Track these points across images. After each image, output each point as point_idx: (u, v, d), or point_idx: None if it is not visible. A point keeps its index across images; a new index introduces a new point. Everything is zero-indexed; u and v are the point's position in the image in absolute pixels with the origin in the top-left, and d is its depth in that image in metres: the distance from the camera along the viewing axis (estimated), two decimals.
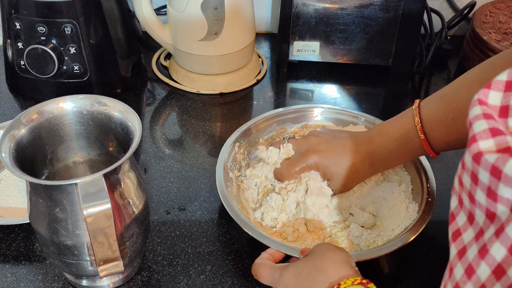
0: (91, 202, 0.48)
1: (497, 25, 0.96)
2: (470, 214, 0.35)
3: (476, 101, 0.35)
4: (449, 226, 0.37)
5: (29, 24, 0.82)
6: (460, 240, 0.35)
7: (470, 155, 0.33)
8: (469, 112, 0.35)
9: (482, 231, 0.33)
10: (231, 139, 0.74)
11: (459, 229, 0.36)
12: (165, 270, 0.64)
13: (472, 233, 0.34)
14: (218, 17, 0.88)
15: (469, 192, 0.34)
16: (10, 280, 0.62)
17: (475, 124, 0.34)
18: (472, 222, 0.35)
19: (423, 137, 0.61)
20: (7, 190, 0.73)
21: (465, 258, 0.34)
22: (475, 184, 0.33)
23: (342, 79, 0.99)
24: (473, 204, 0.34)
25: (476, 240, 0.34)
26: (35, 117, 0.56)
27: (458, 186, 0.36)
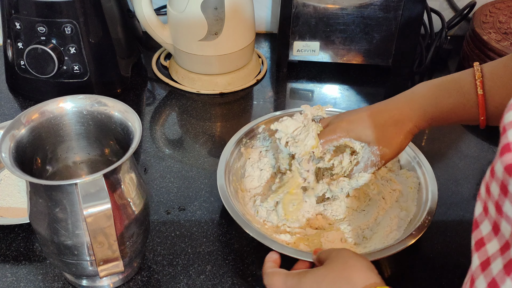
0: (91, 202, 0.48)
1: (497, 25, 0.96)
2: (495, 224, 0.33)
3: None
4: (472, 233, 0.36)
5: (29, 24, 0.82)
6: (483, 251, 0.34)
7: (502, 165, 0.31)
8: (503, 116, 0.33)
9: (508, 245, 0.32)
10: (233, 139, 0.74)
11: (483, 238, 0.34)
12: (165, 270, 0.64)
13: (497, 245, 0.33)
14: (218, 17, 0.88)
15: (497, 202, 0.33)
16: (10, 280, 0.62)
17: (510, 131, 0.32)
18: (497, 233, 0.33)
19: (481, 93, 0.55)
20: (7, 190, 0.73)
21: (488, 271, 0.32)
22: (504, 195, 0.31)
23: (342, 79, 0.99)
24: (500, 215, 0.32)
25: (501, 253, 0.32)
26: (35, 117, 0.56)
27: (485, 193, 0.34)
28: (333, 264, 0.51)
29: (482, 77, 0.56)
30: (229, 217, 0.64)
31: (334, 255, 0.52)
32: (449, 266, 0.65)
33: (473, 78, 0.56)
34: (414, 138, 0.63)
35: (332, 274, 0.50)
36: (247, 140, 0.76)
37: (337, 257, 0.52)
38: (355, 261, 0.50)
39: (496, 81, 0.55)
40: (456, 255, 0.66)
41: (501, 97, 0.55)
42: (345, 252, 0.52)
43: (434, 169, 0.70)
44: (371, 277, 0.48)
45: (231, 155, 0.72)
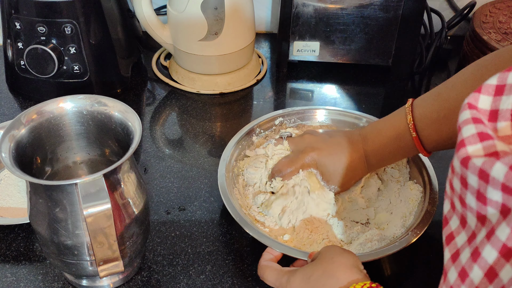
0: (91, 202, 0.48)
1: (497, 25, 0.96)
2: (462, 218, 0.35)
3: (466, 105, 0.35)
4: (443, 230, 0.37)
5: (29, 24, 0.82)
6: (453, 244, 0.36)
7: (459, 159, 0.33)
8: (459, 116, 0.35)
9: (475, 234, 0.33)
10: (234, 139, 0.74)
11: (452, 232, 0.36)
12: (165, 270, 0.64)
13: (465, 237, 0.35)
14: (218, 17, 0.88)
15: (460, 196, 0.34)
16: (10, 280, 0.62)
17: (464, 129, 0.34)
18: (464, 226, 0.35)
19: (415, 135, 0.62)
20: (7, 190, 0.73)
21: (458, 262, 0.34)
22: (465, 188, 0.33)
23: (342, 79, 0.99)
24: (465, 208, 0.34)
25: (469, 243, 0.34)
26: (35, 117, 0.57)
27: (449, 190, 0.36)
28: (320, 261, 0.53)
29: (413, 120, 0.62)
30: (229, 217, 0.64)
31: (323, 252, 0.55)
32: None
33: (406, 122, 0.62)
34: None
35: (318, 270, 0.52)
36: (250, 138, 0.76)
37: (325, 254, 0.54)
38: (341, 257, 0.52)
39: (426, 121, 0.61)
40: None
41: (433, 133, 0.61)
42: (333, 248, 0.55)
43: (434, 169, 0.70)
44: (355, 274, 0.51)
45: (231, 155, 0.72)
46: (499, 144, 0.32)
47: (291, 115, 0.80)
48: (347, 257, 0.53)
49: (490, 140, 0.32)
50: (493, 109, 0.35)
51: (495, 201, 0.31)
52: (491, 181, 0.31)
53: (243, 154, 0.75)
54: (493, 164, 0.30)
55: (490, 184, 0.31)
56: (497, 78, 0.35)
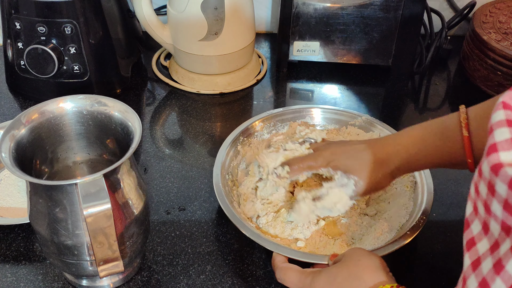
0: (91, 202, 0.48)
1: (497, 25, 0.96)
2: (485, 224, 0.34)
3: (500, 104, 0.33)
4: (464, 233, 0.36)
5: (29, 24, 0.82)
6: (474, 251, 0.34)
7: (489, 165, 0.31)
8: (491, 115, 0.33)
9: (498, 244, 0.32)
10: (229, 139, 0.74)
11: (474, 238, 0.34)
12: (165, 270, 0.64)
13: (487, 244, 0.33)
14: (218, 17, 0.88)
15: (485, 202, 0.33)
16: (10, 280, 0.62)
17: (496, 132, 0.32)
18: (487, 232, 0.33)
19: (467, 135, 0.53)
20: (7, 190, 0.73)
21: (479, 271, 0.33)
22: (492, 195, 0.32)
23: (342, 79, 0.99)
24: (489, 215, 0.33)
25: (491, 252, 0.32)
26: (35, 117, 0.56)
27: (474, 193, 0.35)
28: (345, 263, 0.53)
29: (467, 119, 0.54)
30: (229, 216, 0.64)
31: (347, 254, 0.54)
32: (449, 266, 0.65)
33: (458, 120, 0.54)
34: None
35: (344, 272, 0.51)
36: (244, 138, 0.76)
37: (350, 256, 0.53)
38: (367, 259, 0.52)
39: (482, 122, 0.53)
40: (456, 255, 0.66)
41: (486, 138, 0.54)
42: (358, 251, 0.54)
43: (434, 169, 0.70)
44: (381, 276, 0.50)
45: (227, 155, 0.72)
46: None
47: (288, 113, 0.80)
48: (373, 259, 0.52)
49: None
50: None
51: None
52: None
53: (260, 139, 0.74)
54: None
55: None
56: None
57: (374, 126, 0.78)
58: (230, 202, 0.66)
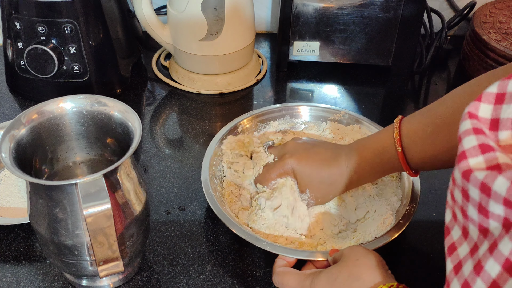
0: (91, 202, 0.48)
1: (497, 25, 0.96)
2: (464, 229, 0.35)
3: (466, 115, 0.35)
4: (445, 239, 0.37)
5: (29, 24, 0.82)
6: (455, 255, 0.35)
7: (460, 171, 0.33)
8: (459, 126, 0.35)
9: (477, 246, 0.33)
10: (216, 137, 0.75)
11: (454, 243, 0.36)
12: (165, 270, 0.64)
13: (467, 248, 0.34)
14: (218, 17, 0.88)
15: (461, 207, 0.34)
16: (10, 280, 0.62)
17: (464, 140, 0.34)
18: (466, 237, 0.35)
19: (400, 150, 0.59)
20: (7, 190, 0.73)
21: (461, 274, 0.34)
22: (467, 200, 0.33)
23: (342, 79, 0.99)
24: (466, 219, 0.34)
25: (471, 255, 0.34)
26: (35, 117, 0.56)
27: (451, 200, 0.36)
28: (345, 263, 0.53)
29: (400, 135, 0.60)
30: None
31: (346, 253, 0.54)
32: None
33: (392, 136, 0.60)
34: None
35: (343, 273, 0.52)
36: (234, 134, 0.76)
37: (349, 255, 0.54)
38: (366, 258, 0.52)
39: (413, 137, 0.59)
40: None
41: (418, 149, 0.59)
42: (357, 249, 0.54)
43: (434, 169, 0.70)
44: (380, 274, 0.51)
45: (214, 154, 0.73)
46: (501, 156, 0.32)
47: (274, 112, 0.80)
48: (371, 258, 0.53)
49: (492, 152, 0.32)
50: (494, 118, 0.35)
51: (497, 215, 0.31)
52: (493, 195, 0.30)
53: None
54: (495, 178, 0.30)
55: (492, 198, 0.31)
56: (497, 86, 0.35)
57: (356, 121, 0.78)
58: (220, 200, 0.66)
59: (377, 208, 0.67)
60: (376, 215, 0.66)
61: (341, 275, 0.52)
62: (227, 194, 0.70)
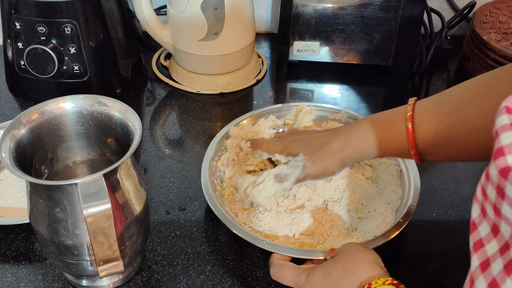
0: (91, 202, 0.48)
1: (497, 25, 0.96)
2: (494, 226, 0.34)
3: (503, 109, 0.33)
4: (470, 235, 0.36)
5: (29, 24, 0.82)
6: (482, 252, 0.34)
7: (497, 168, 0.32)
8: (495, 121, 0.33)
9: (508, 246, 0.32)
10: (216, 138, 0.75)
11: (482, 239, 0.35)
12: (165, 270, 0.64)
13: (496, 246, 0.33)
14: (218, 17, 0.88)
15: (494, 205, 0.33)
16: (10, 280, 0.62)
17: (502, 136, 0.32)
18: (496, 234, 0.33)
19: (410, 127, 0.57)
20: (7, 190, 0.73)
21: (488, 272, 0.33)
22: (502, 198, 0.32)
23: (342, 79, 0.99)
24: (499, 217, 0.33)
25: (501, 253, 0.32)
26: (35, 117, 0.56)
27: (481, 196, 0.35)
28: (340, 258, 0.53)
29: (413, 112, 0.57)
30: None
31: (343, 249, 0.55)
32: (449, 266, 0.65)
33: (404, 112, 0.58)
34: None
35: (339, 267, 0.52)
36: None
37: (345, 251, 0.54)
38: (362, 254, 0.53)
39: (426, 116, 0.56)
40: (456, 255, 0.66)
41: (430, 129, 0.56)
42: (353, 245, 0.55)
43: (434, 169, 0.70)
44: (376, 270, 0.51)
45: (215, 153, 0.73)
46: None
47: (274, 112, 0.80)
48: (367, 254, 0.53)
49: None
50: None
51: None
52: None
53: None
54: None
55: None
56: None
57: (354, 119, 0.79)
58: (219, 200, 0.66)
59: (377, 207, 0.67)
60: (376, 214, 0.66)
61: (336, 269, 0.52)
62: (227, 194, 0.70)
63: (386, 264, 0.64)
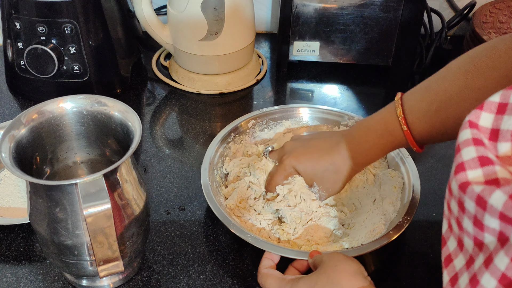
0: (91, 202, 0.48)
1: (497, 25, 0.96)
2: (459, 240, 0.35)
3: (467, 123, 0.34)
4: (442, 250, 0.37)
5: (29, 24, 0.82)
6: (451, 267, 0.35)
7: (457, 183, 0.33)
8: (458, 134, 0.34)
9: (472, 259, 0.33)
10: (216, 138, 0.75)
11: (450, 254, 0.36)
12: (165, 270, 0.64)
13: (463, 260, 0.34)
14: (218, 17, 0.88)
15: (457, 219, 0.34)
16: (10, 280, 0.62)
17: (463, 151, 0.33)
18: (462, 248, 0.34)
19: (406, 129, 0.59)
20: (7, 190, 0.73)
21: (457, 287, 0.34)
22: (462, 212, 0.33)
23: (342, 79, 0.99)
24: (461, 231, 0.34)
25: (467, 268, 0.33)
26: (35, 117, 0.56)
27: (447, 211, 0.36)
28: (324, 269, 0.53)
29: (403, 112, 0.59)
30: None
31: (326, 260, 0.54)
32: None
33: (395, 115, 0.60)
34: None
35: (323, 279, 0.52)
36: (235, 135, 0.77)
37: (328, 261, 0.53)
38: (345, 265, 0.52)
39: (417, 114, 0.59)
40: None
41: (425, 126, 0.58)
42: (336, 256, 0.54)
43: (434, 169, 0.70)
44: (360, 280, 0.50)
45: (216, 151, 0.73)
46: (500, 170, 0.31)
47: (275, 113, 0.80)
48: (351, 264, 0.53)
49: (491, 165, 0.32)
50: (494, 128, 0.34)
51: (493, 228, 0.30)
52: (488, 208, 0.30)
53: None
54: (492, 192, 0.30)
55: (488, 211, 0.30)
56: (500, 96, 0.35)
57: None
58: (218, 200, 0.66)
59: (371, 216, 0.66)
60: (369, 223, 0.66)
61: (320, 281, 0.52)
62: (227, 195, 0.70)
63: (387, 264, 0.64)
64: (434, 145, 0.83)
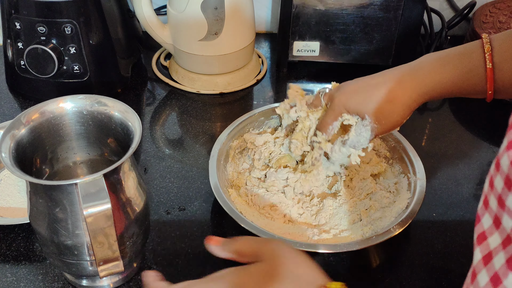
0: (91, 202, 0.48)
1: (497, 25, 0.96)
2: (496, 218, 0.33)
3: None
4: (475, 227, 0.35)
5: (29, 24, 0.82)
6: (485, 245, 0.33)
7: (509, 159, 0.31)
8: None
9: (510, 239, 0.31)
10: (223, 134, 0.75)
11: (485, 232, 0.34)
12: (165, 270, 0.64)
13: (498, 239, 0.33)
14: (218, 17, 0.88)
15: (499, 196, 0.32)
16: (10, 280, 0.62)
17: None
18: (498, 227, 0.33)
19: (490, 67, 0.54)
20: (7, 190, 0.73)
21: (490, 266, 0.32)
22: (508, 189, 0.31)
23: (342, 79, 0.98)
24: (502, 209, 0.32)
25: (503, 247, 0.32)
26: (35, 117, 0.56)
27: (488, 187, 0.34)
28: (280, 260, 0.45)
29: (492, 50, 0.54)
30: (229, 216, 0.64)
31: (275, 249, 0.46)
32: (449, 266, 0.65)
33: (482, 51, 0.54)
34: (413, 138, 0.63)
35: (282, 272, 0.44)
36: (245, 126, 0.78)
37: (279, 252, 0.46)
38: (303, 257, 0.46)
39: (506, 54, 0.54)
40: (456, 255, 0.66)
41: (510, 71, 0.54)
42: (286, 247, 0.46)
43: (434, 169, 0.70)
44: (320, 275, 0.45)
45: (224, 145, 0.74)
46: None
47: None
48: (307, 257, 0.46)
49: None
50: None
51: None
52: None
53: None
54: None
55: None
56: None
57: None
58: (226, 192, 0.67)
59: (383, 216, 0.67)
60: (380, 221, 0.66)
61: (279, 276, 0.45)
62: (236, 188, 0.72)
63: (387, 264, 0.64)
64: (434, 145, 0.84)
